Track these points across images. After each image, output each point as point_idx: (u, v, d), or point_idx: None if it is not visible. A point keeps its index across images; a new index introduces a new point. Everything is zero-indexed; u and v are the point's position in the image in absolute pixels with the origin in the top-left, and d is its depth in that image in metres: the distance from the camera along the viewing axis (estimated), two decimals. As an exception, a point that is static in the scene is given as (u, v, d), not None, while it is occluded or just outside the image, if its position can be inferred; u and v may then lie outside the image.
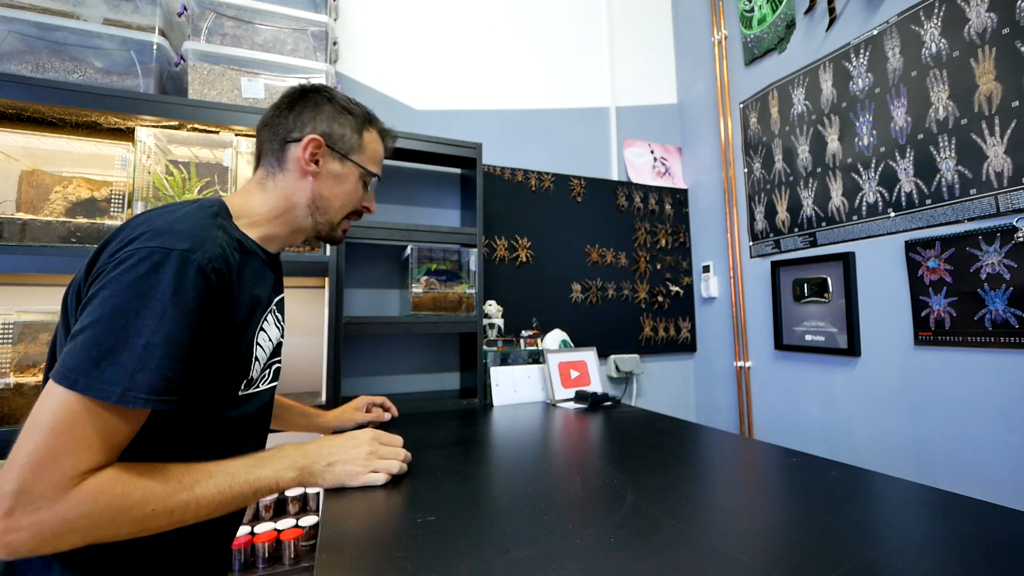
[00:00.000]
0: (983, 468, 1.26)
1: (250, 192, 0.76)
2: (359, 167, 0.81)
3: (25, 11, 1.17)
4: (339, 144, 0.79)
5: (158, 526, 0.54)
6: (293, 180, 0.76)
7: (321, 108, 0.78)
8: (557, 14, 2.19)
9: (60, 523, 0.47)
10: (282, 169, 0.76)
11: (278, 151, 0.76)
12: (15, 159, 1.20)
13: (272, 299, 0.76)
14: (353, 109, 0.81)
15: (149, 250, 0.54)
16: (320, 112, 0.77)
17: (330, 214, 0.81)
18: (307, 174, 0.76)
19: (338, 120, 0.79)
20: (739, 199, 2.05)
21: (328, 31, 1.50)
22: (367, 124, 0.83)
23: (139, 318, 0.52)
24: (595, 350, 1.70)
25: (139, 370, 0.51)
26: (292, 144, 0.75)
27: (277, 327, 0.79)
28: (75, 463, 0.49)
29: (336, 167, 0.79)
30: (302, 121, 0.76)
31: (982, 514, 0.60)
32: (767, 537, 0.57)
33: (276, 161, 0.76)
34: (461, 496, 0.73)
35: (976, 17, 1.27)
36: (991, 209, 1.24)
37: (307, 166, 0.75)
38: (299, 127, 0.76)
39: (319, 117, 0.77)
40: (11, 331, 1.15)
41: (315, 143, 0.75)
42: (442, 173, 1.89)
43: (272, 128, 0.77)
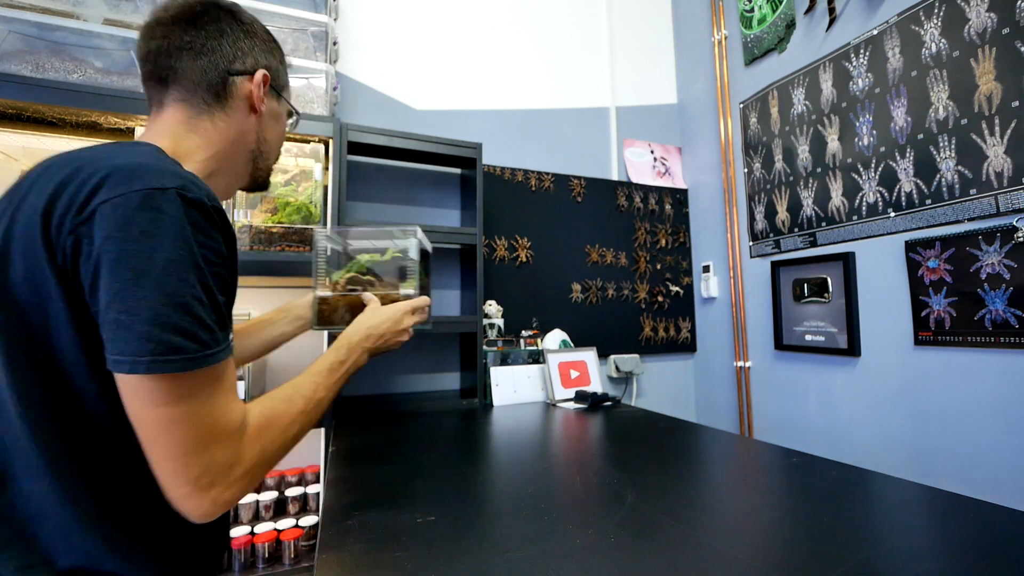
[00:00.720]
0: (983, 468, 1.26)
1: (179, 136, 0.60)
2: (289, 105, 0.73)
3: (25, 11, 1.17)
4: (277, 80, 0.69)
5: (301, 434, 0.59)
6: (240, 119, 0.63)
7: (254, 34, 0.66)
8: (557, 14, 2.19)
9: (251, 467, 0.51)
10: (222, 107, 0.61)
11: (217, 83, 0.61)
12: (15, 159, 1.20)
13: None
14: (275, 38, 0.70)
15: (141, 195, 0.45)
16: (256, 39, 0.65)
17: (270, 160, 0.71)
18: (254, 113, 0.65)
19: (273, 51, 0.68)
20: (739, 199, 2.05)
21: (328, 31, 1.50)
22: (283, 57, 0.72)
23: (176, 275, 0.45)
24: (595, 350, 1.70)
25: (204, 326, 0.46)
26: (238, 77, 0.62)
27: None
28: (227, 422, 0.49)
29: (275, 106, 0.69)
30: (242, 49, 0.63)
31: (982, 514, 0.60)
32: (767, 537, 0.57)
33: (213, 96, 0.61)
34: (461, 496, 0.73)
35: (976, 17, 1.27)
36: (991, 209, 1.24)
37: (260, 104, 0.64)
38: (241, 57, 0.63)
39: (256, 45, 0.65)
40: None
41: (267, 79, 0.64)
42: (442, 173, 1.89)
43: (200, 53, 0.59)
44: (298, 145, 1.42)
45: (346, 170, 1.45)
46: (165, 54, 0.59)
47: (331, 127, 1.40)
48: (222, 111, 0.62)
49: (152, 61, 0.59)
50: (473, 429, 1.17)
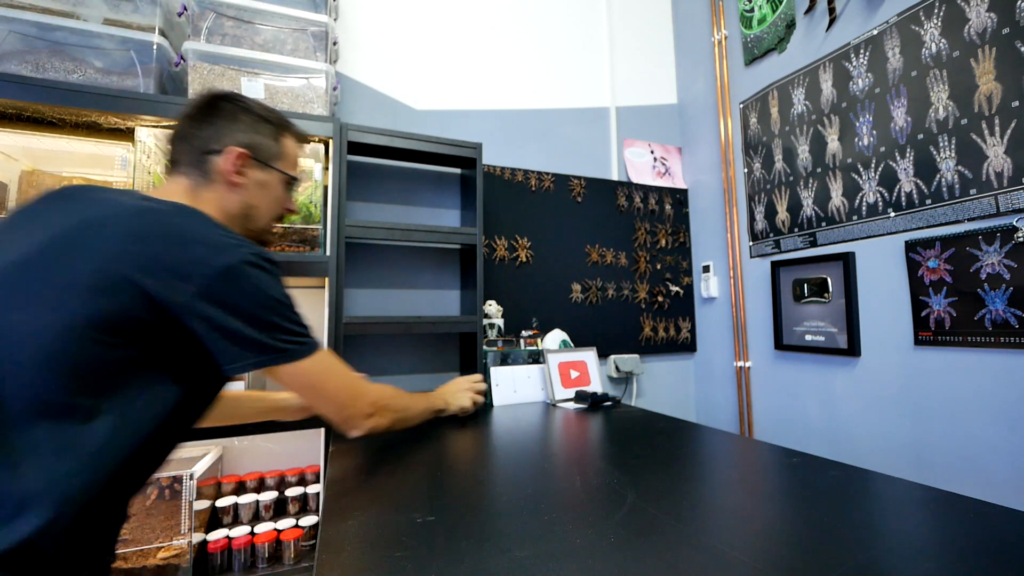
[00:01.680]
0: (983, 468, 1.26)
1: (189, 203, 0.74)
2: (282, 173, 0.84)
3: (25, 11, 1.17)
4: (261, 153, 0.80)
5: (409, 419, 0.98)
6: (221, 191, 0.77)
7: (238, 118, 0.78)
8: (557, 14, 2.19)
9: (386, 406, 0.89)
10: (207, 180, 0.76)
11: (198, 162, 0.75)
12: (15, 159, 1.20)
13: None
14: (270, 116, 0.82)
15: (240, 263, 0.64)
16: (237, 122, 0.78)
17: (260, 222, 0.83)
18: (234, 186, 0.77)
19: (257, 129, 0.80)
20: (739, 199, 2.05)
21: (328, 31, 1.50)
22: (283, 130, 0.84)
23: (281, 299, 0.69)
24: (595, 350, 1.70)
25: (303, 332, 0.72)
26: (212, 156, 0.76)
27: None
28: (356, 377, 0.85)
29: (260, 175, 0.80)
30: (219, 133, 0.76)
31: (982, 514, 0.60)
32: (767, 537, 0.57)
33: (199, 172, 0.76)
34: (461, 496, 0.73)
35: (976, 17, 1.27)
36: (991, 209, 1.24)
37: (234, 178, 0.77)
38: (216, 138, 0.76)
39: (237, 127, 0.78)
40: (11, 331, 1.14)
41: (239, 155, 0.76)
42: (442, 173, 1.89)
43: (187, 139, 0.76)
44: (298, 145, 1.42)
45: (346, 170, 1.45)
46: (174, 141, 0.78)
47: (331, 127, 1.40)
48: (207, 184, 0.76)
49: (172, 144, 0.78)
50: (473, 429, 1.17)
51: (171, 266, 0.60)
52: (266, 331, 0.65)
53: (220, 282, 0.61)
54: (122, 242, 0.59)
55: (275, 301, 0.67)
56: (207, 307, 0.60)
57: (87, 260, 0.58)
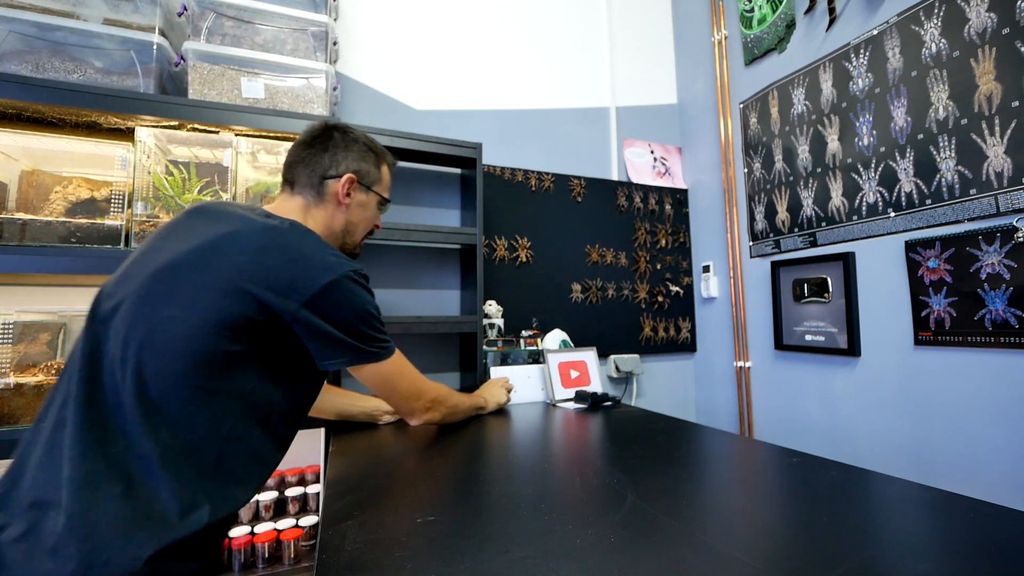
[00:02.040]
0: (983, 468, 1.26)
1: (301, 220, 0.87)
2: (379, 195, 0.97)
3: (25, 11, 1.17)
4: (366, 178, 0.93)
5: (459, 415, 1.18)
6: (330, 210, 0.90)
7: (351, 147, 0.92)
8: (557, 14, 2.19)
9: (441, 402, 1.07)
10: (321, 200, 0.89)
11: (317, 185, 0.88)
12: (15, 159, 1.20)
13: None
14: (373, 146, 0.96)
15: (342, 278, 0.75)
16: (351, 151, 0.91)
17: (355, 236, 0.96)
18: (341, 205, 0.90)
19: (364, 158, 0.93)
20: (739, 199, 2.05)
21: (328, 31, 1.50)
22: (383, 158, 0.98)
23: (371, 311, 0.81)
24: (595, 350, 1.70)
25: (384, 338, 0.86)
26: (330, 180, 0.89)
27: None
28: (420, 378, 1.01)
29: (362, 197, 0.94)
30: (337, 160, 0.90)
31: (982, 514, 0.60)
32: (767, 537, 0.57)
33: (315, 193, 0.89)
34: (461, 496, 0.73)
35: (976, 17, 1.27)
36: (991, 209, 1.24)
37: (344, 199, 0.90)
38: (335, 165, 0.89)
39: (351, 156, 0.91)
40: (11, 331, 1.15)
41: (351, 180, 0.90)
42: (442, 173, 1.89)
43: (308, 164, 0.89)
44: (298, 145, 1.42)
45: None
46: (290, 165, 0.90)
47: (331, 127, 1.40)
48: (320, 203, 0.89)
49: (286, 168, 0.91)
50: (473, 429, 1.17)
51: (285, 280, 0.70)
52: (356, 337, 0.78)
53: (322, 296, 0.72)
54: (249, 256, 0.70)
55: (365, 312, 0.79)
56: (309, 316, 0.71)
57: (221, 268, 0.69)
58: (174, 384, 0.63)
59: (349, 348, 0.77)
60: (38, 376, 1.14)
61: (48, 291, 1.31)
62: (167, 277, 0.68)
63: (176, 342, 0.64)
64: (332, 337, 0.75)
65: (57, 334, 1.26)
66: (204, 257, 0.70)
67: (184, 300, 0.66)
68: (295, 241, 0.75)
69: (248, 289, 0.68)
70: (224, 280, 0.68)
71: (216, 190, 1.31)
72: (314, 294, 0.72)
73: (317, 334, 0.73)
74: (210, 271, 0.68)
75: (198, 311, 0.66)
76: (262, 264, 0.70)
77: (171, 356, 0.64)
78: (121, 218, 1.21)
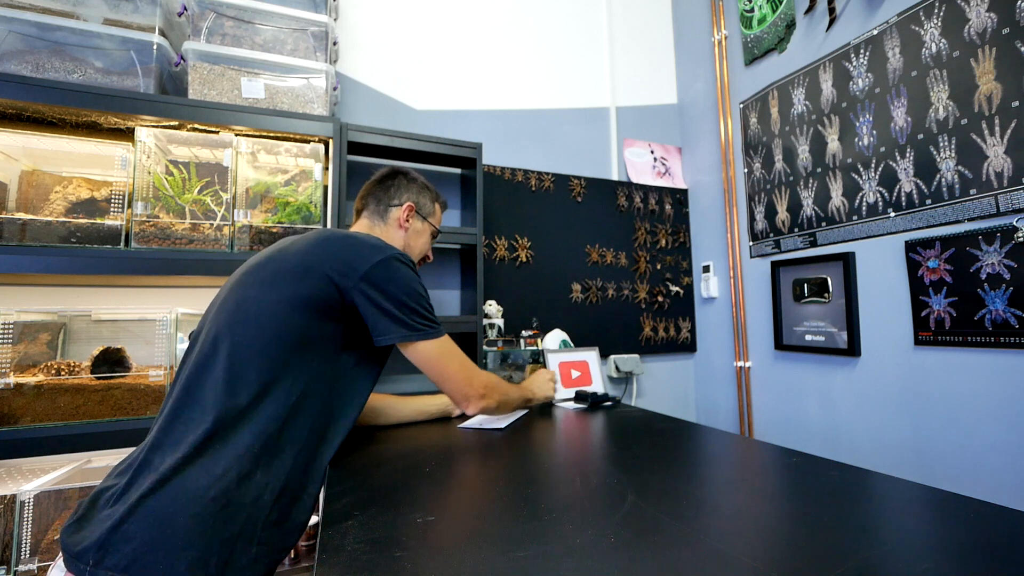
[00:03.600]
0: (983, 468, 1.26)
1: None
2: (432, 226, 1.16)
3: (25, 11, 1.17)
4: (423, 210, 1.14)
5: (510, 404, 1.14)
6: (392, 231, 1.09)
7: (412, 184, 1.13)
8: (557, 14, 2.19)
9: (494, 388, 1.05)
10: (385, 223, 1.09)
11: (383, 212, 1.09)
12: (15, 159, 1.20)
13: None
14: (430, 186, 1.17)
15: (391, 257, 0.87)
16: (412, 187, 1.13)
17: (412, 258, 1.06)
18: (401, 228, 1.10)
19: (422, 193, 1.14)
20: (739, 199, 2.05)
21: (328, 31, 1.50)
22: (437, 197, 1.18)
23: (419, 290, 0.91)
24: (597, 350, 1.70)
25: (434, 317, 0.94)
26: (393, 208, 1.10)
27: None
28: (471, 364, 1.01)
29: (419, 225, 1.13)
30: (400, 192, 1.11)
31: (982, 514, 0.60)
32: (767, 537, 0.57)
33: (380, 218, 1.09)
34: (461, 496, 0.73)
35: (976, 17, 1.27)
36: (991, 209, 1.24)
37: (404, 223, 1.09)
38: (398, 196, 1.11)
39: (412, 189, 1.13)
40: (11, 331, 1.15)
41: (410, 208, 1.10)
42: (442, 173, 1.89)
43: (376, 197, 1.10)
44: (298, 145, 1.42)
45: (346, 170, 1.46)
46: (363, 197, 1.12)
47: (331, 127, 1.40)
48: (383, 224, 1.10)
49: (358, 200, 1.13)
50: (473, 429, 1.17)
51: (345, 260, 0.84)
52: (406, 312, 0.87)
53: (376, 269, 0.84)
54: (313, 244, 0.86)
55: (413, 291, 0.89)
56: (367, 287, 0.83)
57: (293, 257, 0.84)
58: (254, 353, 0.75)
59: (399, 322, 0.86)
60: (38, 376, 1.14)
61: (48, 291, 1.31)
62: (252, 270, 0.85)
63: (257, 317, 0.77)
64: (384, 309, 0.84)
65: (57, 334, 1.26)
66: (279, 253, 0.86)
67: (266, 284, 0.80)
68: (352, 234, 0.91)
69: (316, 267, 0.81)
70: (296, 263, 0.82)
71: (216, 190, 1.31)
72: (369, 268, 0.84)
73: (372, 306, 0.83)
74: (285, 260, 0.83)
75: (277, 292, 0.79)
76: (326, 249, 0.85)
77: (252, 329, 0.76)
78: (121, 218, 1.21)
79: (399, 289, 0.86)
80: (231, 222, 1.31)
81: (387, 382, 1.75)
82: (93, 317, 1.31)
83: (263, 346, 0.76)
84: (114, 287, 1.37)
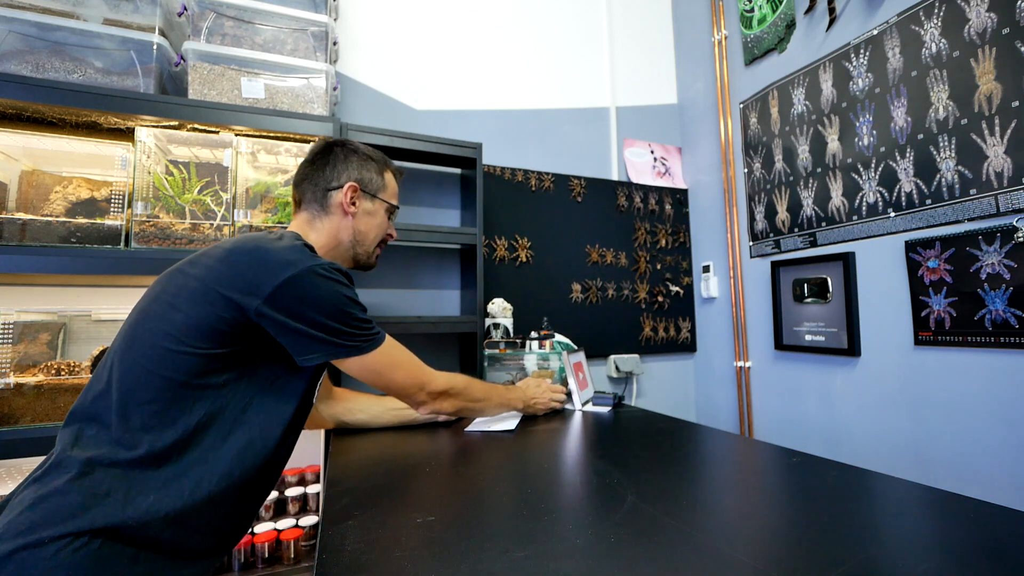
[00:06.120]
0: (983, 468, 1.26)
1: (307, 233, 0.92)
2: (385, 202, 1.00)
3: (25, 11, 1.17)
4: (369, 186, 0.96)
5: (478, 409, 1.08)
6: (337, 220, 0.93)
7: (349, 159, 0.95)
8: (557, 14, 2.19)
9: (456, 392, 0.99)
10: (326, 212, 0.93)
11: (321, 198, 0.93)
12: (15, 159, 1.20)
13: None
14: (373, 155, 0.98)
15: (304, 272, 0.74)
16: (350, 162, 0.95)
17: (367, 245, 0.98)
18: (347, 214, 0.94)
19: (365, 167, 0.96)
20: (739, 199, 2.05)
21: (328, 31, 1.50)
22: (385, 166, 1.00)
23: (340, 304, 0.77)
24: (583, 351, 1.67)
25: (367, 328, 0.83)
26: (333, 191, 0.93)
27: None
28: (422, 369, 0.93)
29: (368, 205, 0.97)
30: (337, 172, 0.93)
31: (982, 514, 0.60)
32: (767, 537, 0.57)
33: (320, 206, 0.93)
34: (461, 496, 0.73)
35: (976, 17, 1.27)
36: (991, 209, 1.24)
37: (348, 207, 0.93)
38: (336, 176, 0.93)
39: (350, 166, 0.94)
40: (11, 331, 1.15)
41: (352, 188, 0.93)
42: (442, 173, 1.89)
43: (312, 180, 0.93)
44: (298, 145, 1.42)
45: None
46: (297, 184, 0.95)
47: (331, 127, 1.40)
48: (326, 215, 0.93)
49: (293, 188, 0.96)
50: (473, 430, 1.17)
51: (248, 278, 0.72)
52: (325, 331, 0.76)
53: (284, 290, 0.72)
54: (218, 259, 0.74)
55: (333, 308, 0.76)
56: (272, 311, 0.72)
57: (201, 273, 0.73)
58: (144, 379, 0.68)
59: (320, 342, 0.75)
60: (38, 376, 1.14)
61: (48, 291, 1.31)
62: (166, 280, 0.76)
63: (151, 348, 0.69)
64: (299, 332, 0.74)
65: (57, 334, 1.26)
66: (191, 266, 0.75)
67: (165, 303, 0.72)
68: (265, 242, 0.77)
69: (218, 288, 0.71)
70: (199, 284, 0.72)
71: (216, 190, 1.31)
72: (273, 290, 0.72)
73: (284, 330, 0.73)
74: (193, 277, 0.73)
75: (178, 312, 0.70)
76: (231, 265, 0.73)
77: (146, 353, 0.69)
78: (121, 218, 1.21)
79: (316, 310, 0.74)
80: (231, 222, 1.31)
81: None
82: (93, 317, 1.31)
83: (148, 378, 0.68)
84: (114, 287, 1.37)
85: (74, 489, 0.60)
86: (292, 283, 0.73)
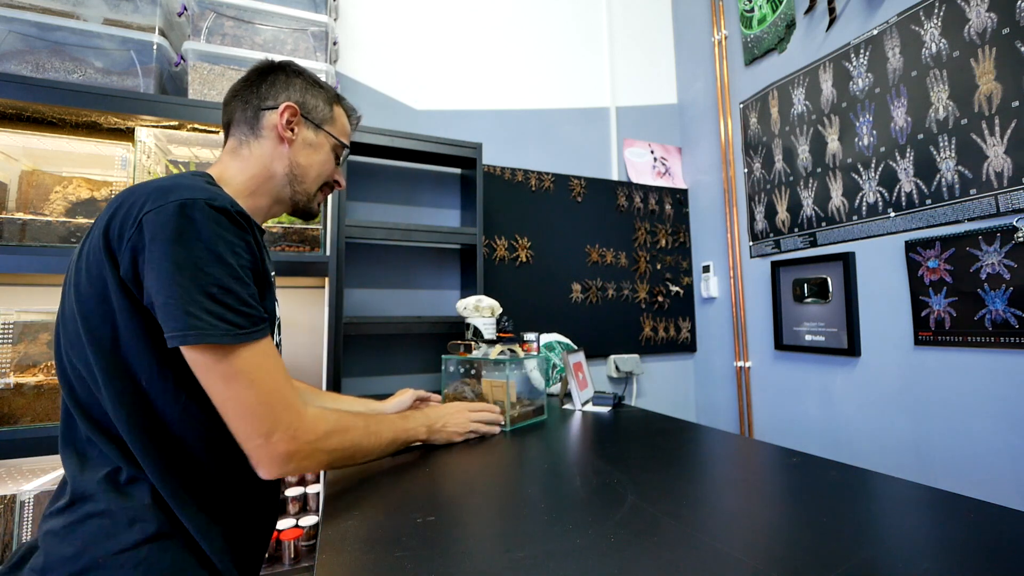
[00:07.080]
0: (983, 468, 1.26)
1: (224, 163, 0.77)
2: (332, 137, 0.83)
3: (25, 11, 1.17)
4: (313, 114, 0.80)
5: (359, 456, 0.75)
6: (270, 147, 0.76)
7: (292, 80, 0.79)
8: (557, 14, 2.19)
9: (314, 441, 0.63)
10: (256, 136, 0.76)
11: (251, 119, 0.76)
12: (15, 159, 1.20)
13: (272, 274, 0.76)
14: (323, 83, 0.84)
15: (175, 205, 0.55)
16: (292, 83, 0.79)
17: (307, 183, 0.81)
18: (283, 141, 0.77)
19: (310, 91, 0.81)
20: (739, 199, 2.05)
21: (328, 31, 1.50)
22: (336, 99, 0.85)
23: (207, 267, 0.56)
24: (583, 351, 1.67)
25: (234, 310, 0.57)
26: (267, 111, 0.76)
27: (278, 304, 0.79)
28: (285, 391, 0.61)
29: (311, 136, 0.80)
30: (275, 90, 0.78)
31: (982, 514, 0.60)
32: (767, 537, 0.57)
33: (249, 129, 0.76)
34: (461, 496, 0.73)
35: (976, 17, 1.27)
36: (991, 209, 1.24)
37: (284, 131, 0.76)
38: (273, 96, 0.77)
39: (292, 87, 0.79)
40: (11, 331, 1.15)
41: (291, 110, 0.76)
42: (442, 173, 1.89)
43: (243, 97, 0.77)
44: (298, 145, 1.42)
45: (346, 170, 1.45)
46: (227, 104, 0.79)
47: (331, 127, 1.39)
48: (256, 140, 0.76)
49: (225, 107, 0.79)
50: (473, 429, 1.16)
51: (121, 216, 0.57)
52: (177, 295, 0.53)
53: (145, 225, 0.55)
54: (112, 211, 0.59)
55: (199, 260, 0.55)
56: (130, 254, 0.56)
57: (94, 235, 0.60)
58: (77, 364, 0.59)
59: (168, 311, 0.54)
60: (38, 376, 1.14)
61: (48, 291, 1.31)
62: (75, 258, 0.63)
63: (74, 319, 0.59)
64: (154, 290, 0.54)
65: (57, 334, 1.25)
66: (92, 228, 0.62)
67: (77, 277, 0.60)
68: (152, 180, 0.61)
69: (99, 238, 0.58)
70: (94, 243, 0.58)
71: (216, 190, 1.31)
72: (134, 224, 0.55)
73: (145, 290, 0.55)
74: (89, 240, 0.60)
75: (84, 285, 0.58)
76: (108, 209, 0.59)
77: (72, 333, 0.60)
78: (121, 218, 1.21)
79: (176, 254, 0.54)
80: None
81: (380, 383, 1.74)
82: (93, 317, 1.30)
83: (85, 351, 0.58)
84: (114, 287, 1.37)
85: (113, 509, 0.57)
86: (157, 215, 0.55)
